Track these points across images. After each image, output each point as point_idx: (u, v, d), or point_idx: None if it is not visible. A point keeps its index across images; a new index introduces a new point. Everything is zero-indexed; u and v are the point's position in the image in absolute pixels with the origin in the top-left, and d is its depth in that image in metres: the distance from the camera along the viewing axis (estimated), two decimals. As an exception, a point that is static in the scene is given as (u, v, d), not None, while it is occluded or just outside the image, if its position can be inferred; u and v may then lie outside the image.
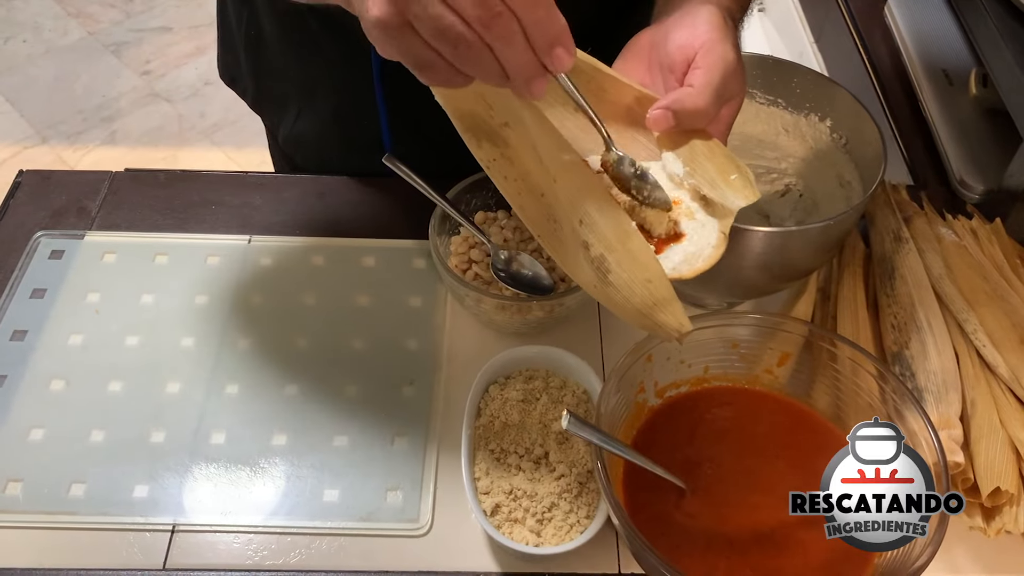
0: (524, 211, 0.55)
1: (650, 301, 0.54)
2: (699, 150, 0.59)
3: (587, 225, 0.53)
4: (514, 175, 0.54)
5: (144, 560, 0.66)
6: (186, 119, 2.32)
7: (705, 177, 0.59)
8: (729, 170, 0.59)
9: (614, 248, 0.53)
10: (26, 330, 0.78)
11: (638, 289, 0.54)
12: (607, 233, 0.53)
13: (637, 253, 0.54)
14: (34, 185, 0.90)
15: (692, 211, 0.60)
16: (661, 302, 0.54)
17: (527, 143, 0.53)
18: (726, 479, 0.65)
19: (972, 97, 1.02)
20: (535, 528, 0.65)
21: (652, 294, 0.54)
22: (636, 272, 0.54)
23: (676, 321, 0.54)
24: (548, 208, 0.54)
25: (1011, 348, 0.71)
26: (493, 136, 0.53)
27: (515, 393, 0.71)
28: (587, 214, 0.53)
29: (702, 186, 0.59)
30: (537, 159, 0.53)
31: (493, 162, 0.54)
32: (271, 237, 0.86)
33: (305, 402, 0.74)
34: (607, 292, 0.54)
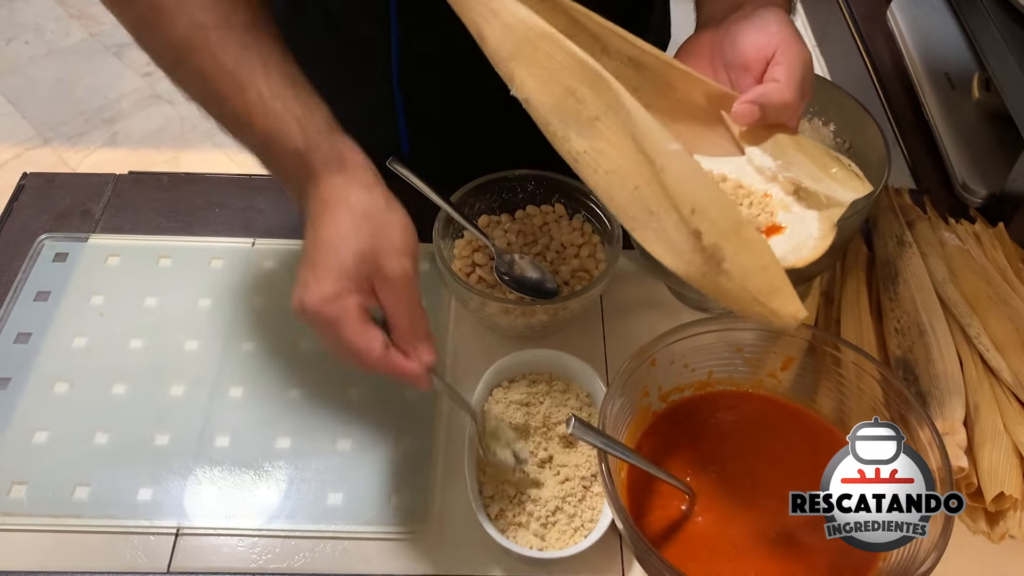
0: (614, 202, 0.56)
1: (767, 288, 0.53)
2: (785, 144, 0.60)
3: (699, 213, 0.52)
4: (605, 168, 0.55)
5: (148, 563, 0.66)
6: (188, 121, 2.32)
7: (804, 170, 0.59)
8: (828, 164, 0.59)
9: (729, 236, 0.52)
10: (30, 333, 0.78)
11: (754, 277, 0.53)
12: (721, 220, 0.52)
13: (752, 241, 0.53)
14: (38, 188, 0.90)
15: (787, 204, 0.59)
16: (777, 289, 0.53)
17: (622, 135, 0.54)
18: (730, 483, 0.65)
19: (975, 101, 1.02)
20: (539, 532, 0.65)
21: (768, 281, 0.53)
22: (752, 260, 0.53)
23: (793, 307, 0.53)
24: (644, 200, 0.54)
25: (1015, 352, 0.71)
26: (583, 130, 0.54)
27: (519, 396, 0.71)
28: (700, 201, 0.52)
29: (803, 180, 0.59)
30: (634, 151, 0.53)
31: (582, 155, 0.55)
32: (275, 240, 0.86)
33: (308, 405, 0.74)
34: (718, 281, 0.53)
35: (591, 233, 0.82)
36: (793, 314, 0.53)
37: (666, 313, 0.81)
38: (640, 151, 0.53)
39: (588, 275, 0.79)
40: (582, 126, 0.54)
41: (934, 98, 1.03)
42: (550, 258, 0.80)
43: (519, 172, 0.82)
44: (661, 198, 0.54)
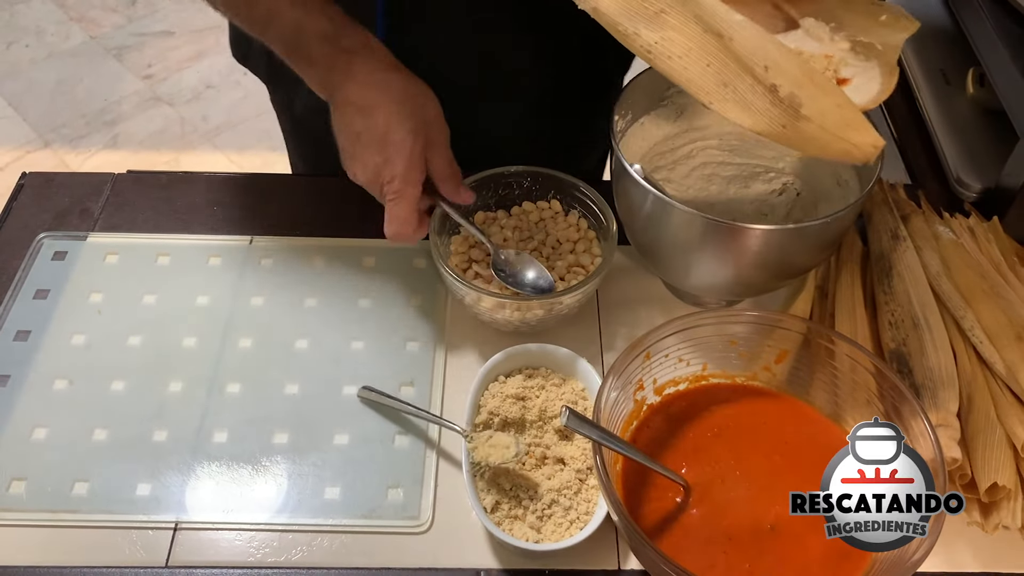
0: (692, 83, 0.60)
1: (843, 123, 0.58)
2: (833, 6, 0.65)
3: (772, 69, 0.58)
4: (678, 52, 0.60)
5: (147, 558, 0.66)
6: (188, 122, 2.33)
7: (855, 26, 0.64)
8: (876, 12, 0.64)
9: (803, 84, 0.58)
10: (29, 330, 0.79)
11: (831, 114, 0.58)
12: (793, 72, 0.58)
13: (823, 84, 0.58)
14: (37, 187, 0.91)
15: (847, 60, 0.64)
16: (853, 123, 0.58)
17: (690, 20, 0.59)
18: (724, 475, 0.65)
19: (969, 96, 1.02)
20: (535, 525, 0.66)
21: (844, 116, 0.58)
22: (827, 100, 0.58)
23: (871, 136, 0.58)
24: (717, 73, 0.60)
25: (1008, 344, 0.71)
26: (650, 23, 0.60)
27: (515, 390, 0.71)
28: (771, 59, 0.58)
29: (857, 34, 0.64)
30: (701, 32, 0.59)
31: (655, 45, 0.60)
32: (272, 238, 0.87)
33: (306, 401, 0.75)
34: (799, 127, 0.59)
35: (587, 229, 0.82)
36: (873, 143, 0.58)
37: (661, 308, 0.82)
38: (708, 30, 0.59)
39: (584, 271, 0.79)
40: (649, 20, 0.60)
41: (929, 93, 1.04)
42: (546, 254, 0.81)
43: (515, 168, 0.82)
44: (734, 66, 0.59)
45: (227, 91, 2.38)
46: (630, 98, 0.77)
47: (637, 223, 0.76)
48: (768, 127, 0.60)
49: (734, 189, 0.77)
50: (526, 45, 0.87)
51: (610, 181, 0.79)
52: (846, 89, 0.62)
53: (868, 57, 0.63)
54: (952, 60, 1.07)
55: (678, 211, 0.68)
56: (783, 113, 0.59)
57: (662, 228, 0.72)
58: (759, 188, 0.78)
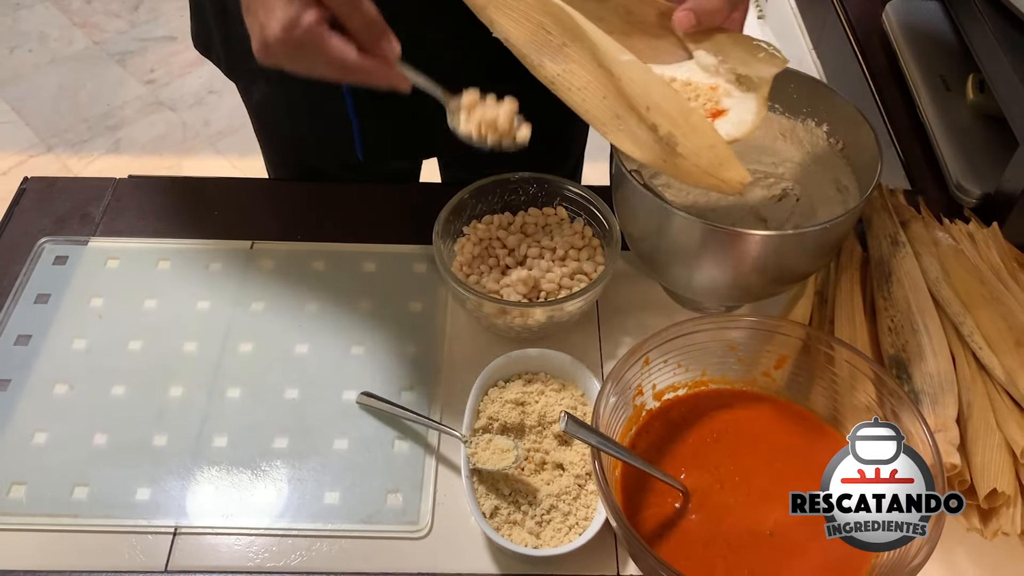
0: (589, 114, 0.67)
1: (715, 162, 0.63)
2: (723, 41, 0.70)
3: (653, 110, 0.63)
4: (578, 85, 0.66)
5: (146, 562, 0.66)
6: (190, 127, 2.33)
7: (737, 60, 0.69)
8: (756, 51, 0.69)
9: (679, 124, 0.63)
10: (30, 335, 0.79)
11: (704, 154, 0.63)
12: (672, 113, 0.63)
13: (699, 125, 0.63)
14: (38, 192, 0.91)
15: (729, 91, 0.69)
16: (724, 162, 0.63)
17: (586, 56, 0.65)
18: (724, 481, 0.65)
19: (969, 103, 1.03)
20: (534, 530, 0.66)
21: (716, 156, 0.63)
22: (700, 140, 0.63)
23: (738, 174, 0.64)
24: (611, 107, 0.65)
25: (1007, 351, 0.71)
26: (555, 56, 0.66)
27: (514, 396, 0.72)
28: (652, 101, 0.63)
29: (737, 67, 0.69)
30: (596, 67, 0.65)
31: (558, 77, 0.66)
32: (273, 243, 0.87)
33: (306, 406, 0.75)
34: (676, 163, 0.64)
35: (591, 236, 0.82)
36: (740, 179, 0.64)
37: (661, 313, 0.82)
38: (601, 67, 0.64)
39: (587, 277, 0.79)
40: (553, 53, 0.66)
41: (929, 100, 1.04)
42: (551, 258, 0.81)
43: (519, 175, 0.83)
44: (623, 103, 0.65)
45: (229, 96, 2.39)
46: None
47: (637, 229, 0.76)
48: (652, 160, 0.65)
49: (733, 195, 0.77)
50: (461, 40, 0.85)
51: (610, 187, 0.79)
52: (724, 119, 0.68)
53: (748, 90, 0.69)
54: (952, 66, 1.07)
55: (678, 217, 0.69)
56: (663, 150, 0.64)
57: (662, 234, 0.72)
58: (759, 194, 0.78)
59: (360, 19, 0.61)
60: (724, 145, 0.64)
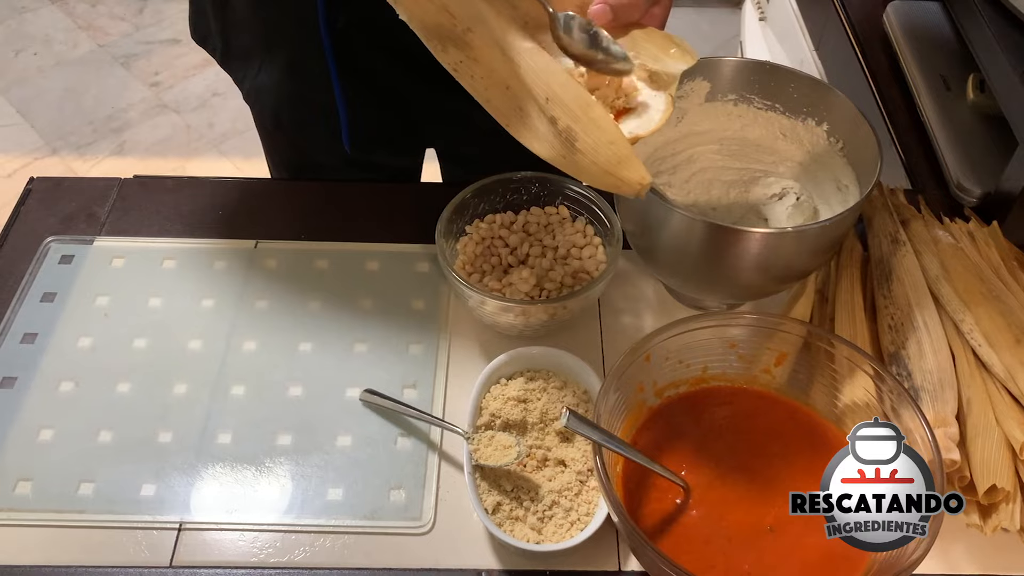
0: (491, 104, 0.62)
1: (614, 160, 0.60)
2: (638, 37, 0.67)
3: (552, 101, 0.60)
4: (480, 73, 0.62)
5: (151, 557, 0.67)
6: (194, 130, 2.34)
7: (648, 55, 0.66)
8: (668, 46, 0.66)
9: (579, 118, 0.60)
10: (36, 333, 0.79)
11: (603, 151, 0.60)
12: (571, 105, 0.60)
13: (599, 120, 0.60)
14: (44, 192, 0.92)
15: (640, 88, 0.66)
16: (624, 160, 0.60)
17: (490, 43, 0.61)
18: (724, 477, 0.66)
19: (969, 102, 1.03)
20: (536, 526, 0.66)
21: (616, 154, 0.60)
22: (600, 136, 0.60)
23: (638, 175, 0.61)
24: (514, 98, 0.62)
25: (1006, 347, 0.71)
26: (457, 42, 0.62)
27: (516, 393, 0.72)
28: (552, 91, 0.60)
29: (646, 62, 0.66)
30: (500, 54, 0.61)
31: (460, 64, 0.62)
32: (276, 242, 0.87)
33: (309, 403, 0.76)
34: (575, 159, 0.61)
35: (593, 235, 0.83)
36: (639, 180, 0.61)
37: (662, 311, 0.82)
38: (504, 55, 0.61)
39: (588, 276, 0.80)
40: (456, 38, 0.62)
41: (929, 100, 1.04)
42: (553, 257, 0.81)
43: (522, 174, 0.83)
44: (526, 94, 0.62)
45: (233, 99, 2.40)
46: (631, 103, 0.77)
47: (638, 227, 0.76)
48: (552, 155, 0.62)
49: (734, 193, 0.77)
50: None
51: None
52: (631, 118, 0.65)
53: (659, 88, 0.66)
54: (952, 66, 1.08)
55: (679, 215, 0.69)
56: (562, 144, 0.61)
57: (663, 232, 0.73)
58: (759, 192, 0.78)
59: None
60: (624, 142, 0.61)
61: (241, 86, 0.97)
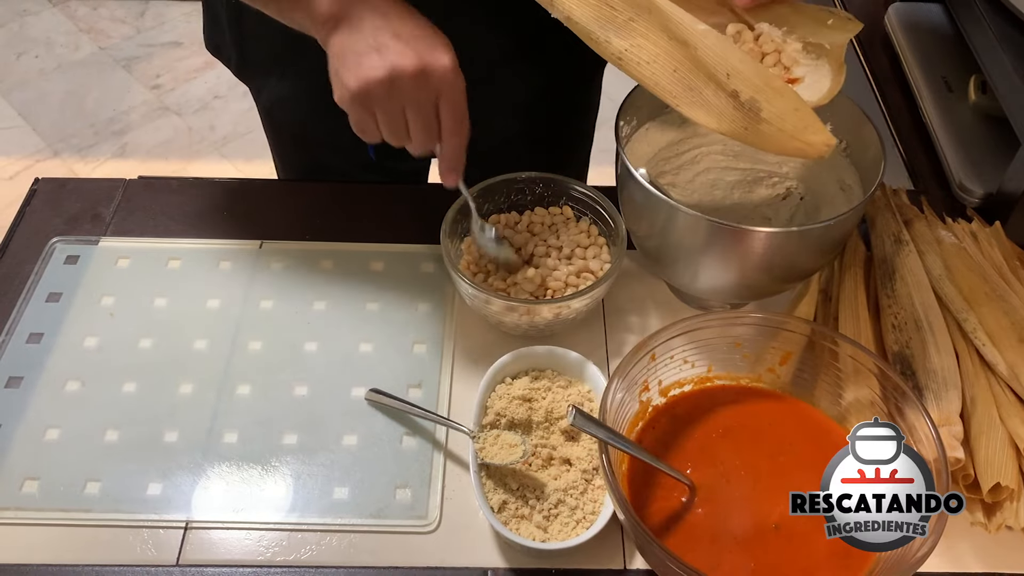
0: (659, 87, 0.65)
1: (800, 125, 0.62)
2: (786, 13, 0.69)
3: (734, 76, 0.62)
4: (646, 59, 0.64)
5: (157, 556, 0.67)
6: (196, 132, 2.34)
7: (805, 29, 0.68)
8: (824, 17, 0.68)
9: (762, 89, 0.62)
10: (42, 333, 0.80)
11: (789, 117, 0.62)
12: (753, 78, 0.62)
13: (781, 89, 0.63)
14: (49, 192, 0.92)
15: (799, 60, 0.68)
16: (810, 125, 0.63)
17: (656, 28, 0.64)
18: (729, 475, 0.66)
19: (971, 103, 1.03)
20: (542, 524, 0.66)
21: (801, 118, 0.62)
22: (784, 104, 0.62)
23: (824, 136, 0.63)
24: (683, 79, 0.64)
25: (1010, 346, 0.72)
26: (620, 31, 0.64)
27: (521, 392, 0.72)
28: (732, 67, 0.62)
29: (807, 35, 0.68)
30: (667, 39, 0.64)
31: (625, 52, 0.65)
32: (281, 242, 0.88)
33: (315, 402, 0.76)
34: (760, 129, 0.63)
35: (597, 235, 0.83)
36: (825, 142, 0.63)
37: (666, 310, 0.83)
38: (673, 38, 0.63)
39: (593, 276, 0.80)
40: (619, 28, 0.64)
41: (931, 101, 1.04)
42: (558, 258, 0.81)
43: (526, 175, 0.83)
44: (698, 73, 0.63)
45: (234, 101, 2.40)
46: (635, 104, 0.78)
47: (642, 227, 0.76)
48: (731, 129, 0.64)
49: (738, 194, 0.78)
50: (498, 38, 0.87)
51: (615, 186, 0.80)
52: (798, 87, 0.66)
53: (819, 56, 0.68)
54: (954, 67, 1.08)
55: (683, 215, 0.69)
56: (744, 116, 0.63)
57: (667, 232, 0.73)
58: (763, 193, 0.78)
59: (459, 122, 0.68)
60: (807, 108, 0.63)
61: (259, 96, 0.97)
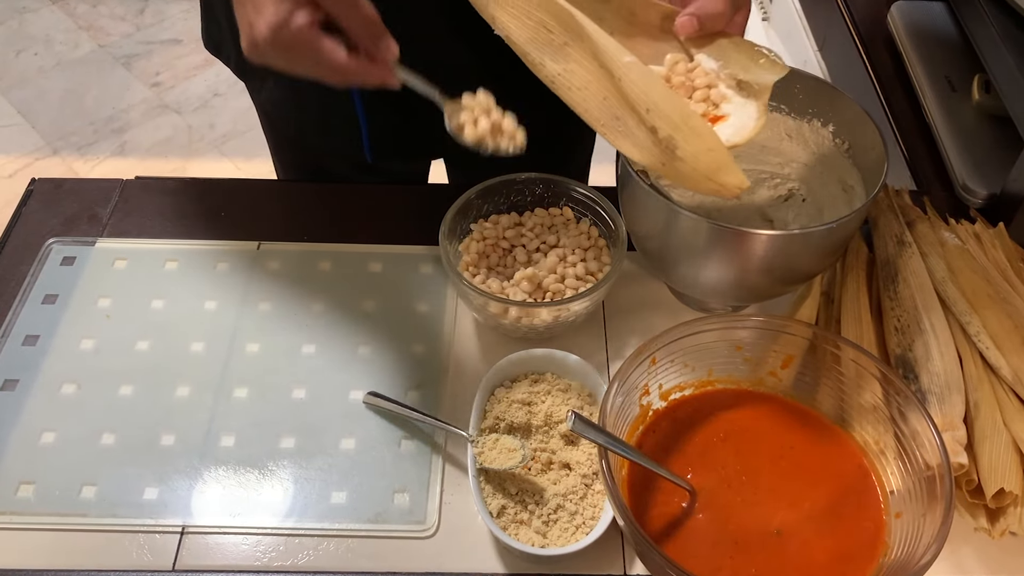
0: (588, 114, 0.66)
1: (714, 166, 0.63)
2: (725, 46, 0.70)
3: (653, 112, 0.63)
4: (578, 85, 0.65)
5: (154, 561, 0.66)
6: (195, 130, 2.34)
7: (738, 65, 0.69)
8: (757, 56, 0.69)
9: (679, 128, 0.63)
10: (38, 335, 0.79)
11: (703, 158, 0.63)
12: (672, 116, 0.63)
13: (699, 128, 0.63)
14: (46, 193, 0.92)
15: (728, 96, 0.69)
16: (723, 166, 0.63)
17: (588, 56, 0.64)
18: (730, 480, 0.65)
19: (975, 103, 1.03)
20: (541, 529, 0.66)
21: (715, 160, 0.63)
22: (700, 144, 0.63)
23: (737, 179, 0.63)
24: (611, 108, 0.65)
25: (1014, 350, 0.71)
26: (555, 55, 0.65)
27: (521, 395, 0.72)
28: (652, 102, 0.63)
29: (737, 72, 0.69)
30: (598, 68, 0.64)
31: (558, 76, 0.66)
32: (279, 243, 0.87)
33: (313, 405, 0.75)
34: (676, 166, 0.64)
35: (597, 237, 0.82)
36: (737, 184, 0.63)
37: (667, 313, 0.82)
38: (603, 67, 0.64)
39: (593, 278, 0.79)
40: (555, 52, 0.65)
41: (934, 100, 1.04)
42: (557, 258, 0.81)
43: (526, 175, 0.83)
44: (623, 104, 0.64)
45: (234, 99, 2.40)
46: (636, 104, 0.77)
47: (643, 229, 0.76)
48: (651, 163, 0.65)
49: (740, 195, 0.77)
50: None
51: (616, 187, 0.79)
52: (722, 125, 0.67)
53: (748, 96, 0.69)
54: (958, 67, 1.07)
55: (684, 217, 0.69)
56: (662, 152, 0.64)
57: (668, 234, 0.72)
58: (765, 194, 0.78)
59: (358, 19, 0.61)
60: (723, 149, 0.63)
61: (257, 95, 0.97)
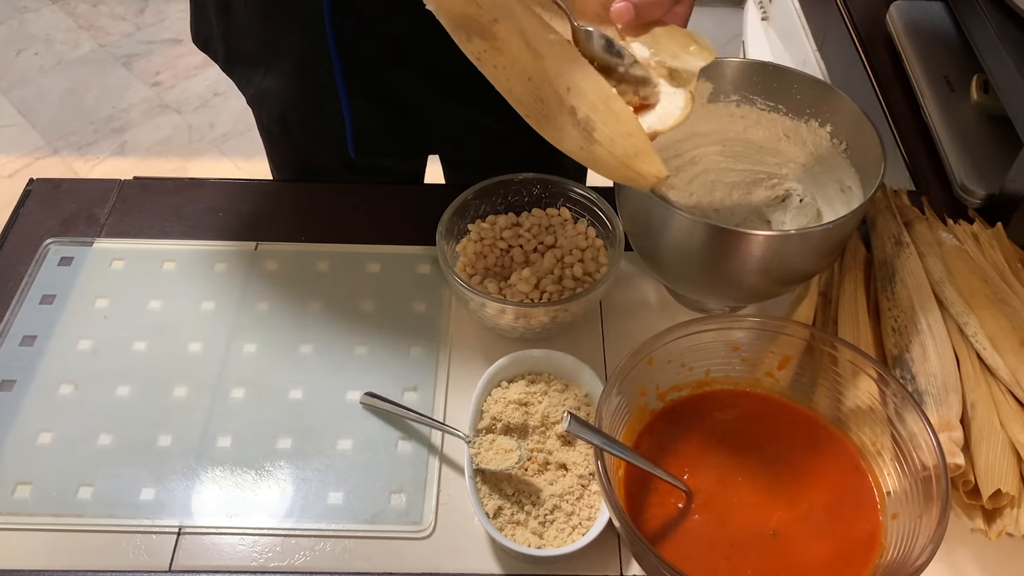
0: (511, 94, 0.63)
1: (631, 152, 0.61)
2: (660, 34, 0.68)
3: (573, 92, 0.61)
4: (503, 63, 0.62)
5: (150, 562, 0.66)
6: (195, 130, 2.34)
7: (668, 52, 0.67)
8: (688, 43, 0.67)
9: (598, 109, 0.61)
10: (35, 335, 0.79)
11: (620, 142, 0.61)
12: (592, 96, 0.61)
13: (618, 112, 0.61)
14: (44, 193, 0.92)
15: (660, 84, 0.67)
16: (641, 152, 0.61)
17: (515, 33, 0.62)
18: (727, 481, 0.65)
19: (973, 103, 1.02)
20: (537, 530, 0.66)
21: (633, 145, 0.61)
22: (618, 127, 0.61)
23: (655, 168, 0.61)
24: (535, 89, 0.62)
25: (1011, 350, 0.71)
26: (483, 32, 0.62)
27: (517, 396, 0.72)
28: (573, 82, 0.61)
29: (666, 59, 0.66)
30: (524, 45, 0.62)
31: (483, 53, 0.62)
32: (277, 244, 0.87)
33: (310, 406, 0.75)
34: (592, 150, 0.62)
35: (595, 237, 0.82)
36: (655, 173, 0.61)
37: (664, 314, 0.82)
38: (528, 45, 0.62)
39: (590, 278, 0.79)
40: (482, 28, 0.62)
41: (933, 100, 1.04)
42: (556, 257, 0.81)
43: (523, 176, 0.83)
44: (546, 83, 0.62)
45: (234, 99, 2.40)
46: (633, 105, 0.77)
47: (640, 229, 0.76)
48: (571, 148, 0.63)
49: (737, 195, 0.77)
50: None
51: (613, 187, 0.79)
52: (648, 114, 0.65)
53: (678, 85, 0.67)
54: (956, 67, 1.07)
55: (681, 217, 0.69)
56: (580, 134, 0.62)
57: (665, 234, 0.72)
58: (762, 194, 0.78)
59: None
60: (643, 135, 0.61)
61: (245, 90, 0.97)
